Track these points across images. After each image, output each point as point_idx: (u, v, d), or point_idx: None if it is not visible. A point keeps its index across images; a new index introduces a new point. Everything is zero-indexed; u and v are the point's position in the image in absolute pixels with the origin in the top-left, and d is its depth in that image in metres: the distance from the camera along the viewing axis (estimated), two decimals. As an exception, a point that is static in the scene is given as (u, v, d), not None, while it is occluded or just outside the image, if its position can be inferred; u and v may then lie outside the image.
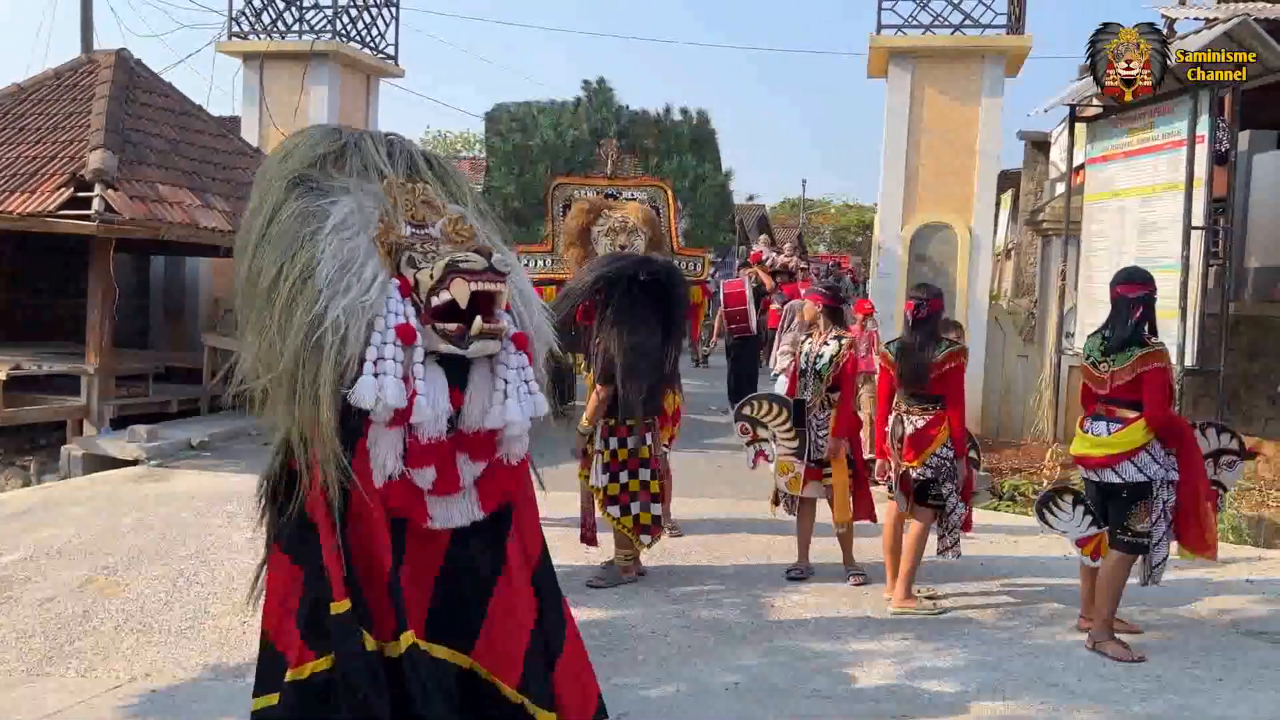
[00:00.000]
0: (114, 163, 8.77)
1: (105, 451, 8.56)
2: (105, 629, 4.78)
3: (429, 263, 2.88)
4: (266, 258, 2.83)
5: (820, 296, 6.00)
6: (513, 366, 2.97)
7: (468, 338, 2.84)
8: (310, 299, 2.72)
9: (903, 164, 10.42)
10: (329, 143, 3.09)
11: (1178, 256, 7.93)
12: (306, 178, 2.96)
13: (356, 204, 2.91)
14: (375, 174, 3.04)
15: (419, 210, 3.02)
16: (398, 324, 2.80)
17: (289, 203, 2.90)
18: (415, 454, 2.81)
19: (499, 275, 2.89)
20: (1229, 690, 4.29)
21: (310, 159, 3.02)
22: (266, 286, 2.80)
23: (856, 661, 4.53)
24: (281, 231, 2.85)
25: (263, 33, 12.84)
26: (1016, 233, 18.76)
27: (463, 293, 2.83)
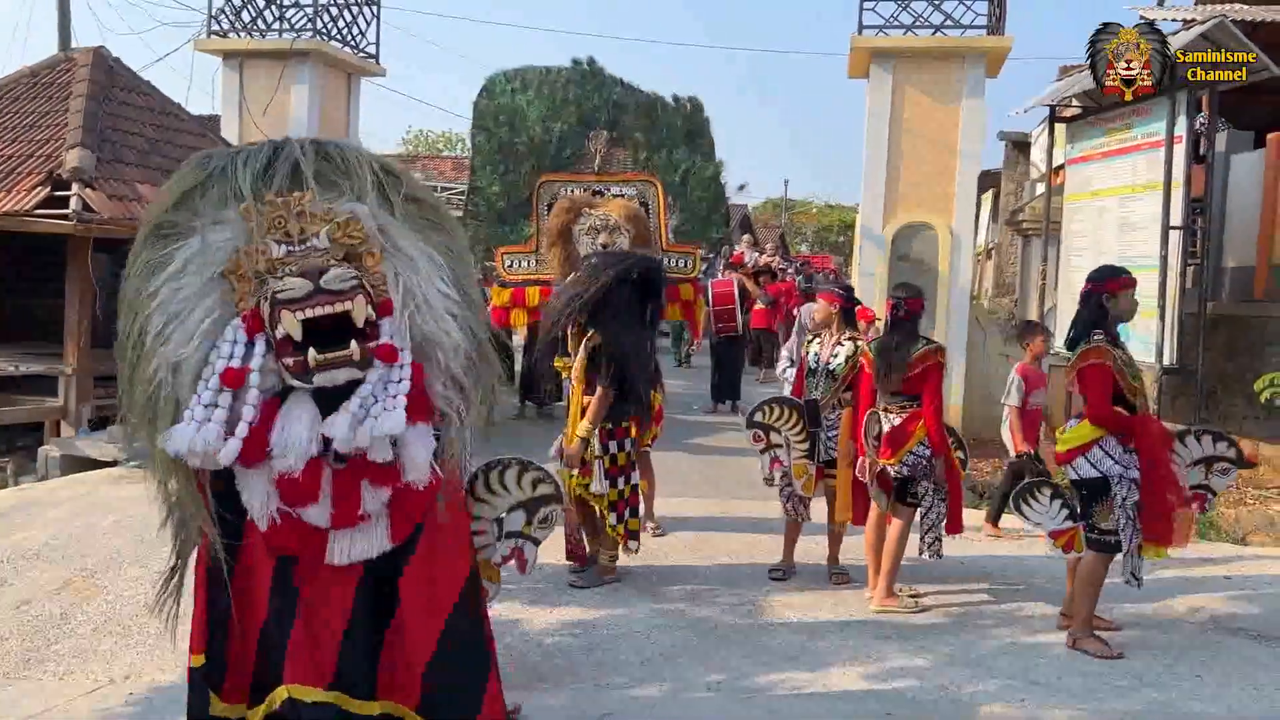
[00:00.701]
0: (92, 161, 8.71)
1: (83, 452, 8.49)
2: (83, 631, 4.74)
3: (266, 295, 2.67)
4: (121, 321, 2.75)
5: (835, 297, 5.86)
6: (372, 382, 2.70)
7: (309, 370, 2.63)
8: (146, 359, 2.64)
9: (884, 164, 10.46)
10: (190, 177, 2.85)
11: (1156, 256, 7.99)
12: (162, 225, 2.78)
13: (203, 242, 2.71)
14: (235, 199, 2.78)
15: (292, 225, 2.73)
16: (224, 369, 2.62)
17: (140, 257, 2.76)
18: (289, 491, 2.64)
19: (334, 295, 2.64)
20: (1207, 687, 4.32)
21: (173, 200, 2.81)
22: (122, 353, 2.73)
23: (839, 660, 4.54)
24: (129, 290, 2.74)
25: (242, 31, 12.76)
26: (997, 232, 18.88)
27: (292, 325, 2.61)
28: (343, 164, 2.92)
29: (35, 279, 11.20)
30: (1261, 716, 4.09)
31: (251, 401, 2.63)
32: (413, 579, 2.83)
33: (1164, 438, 4.73)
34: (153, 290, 2.67)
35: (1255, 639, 4.93)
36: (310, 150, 2.90)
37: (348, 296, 2.66)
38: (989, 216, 19.77)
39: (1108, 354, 4.63)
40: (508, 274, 5.96)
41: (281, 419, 2.64)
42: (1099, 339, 4.65)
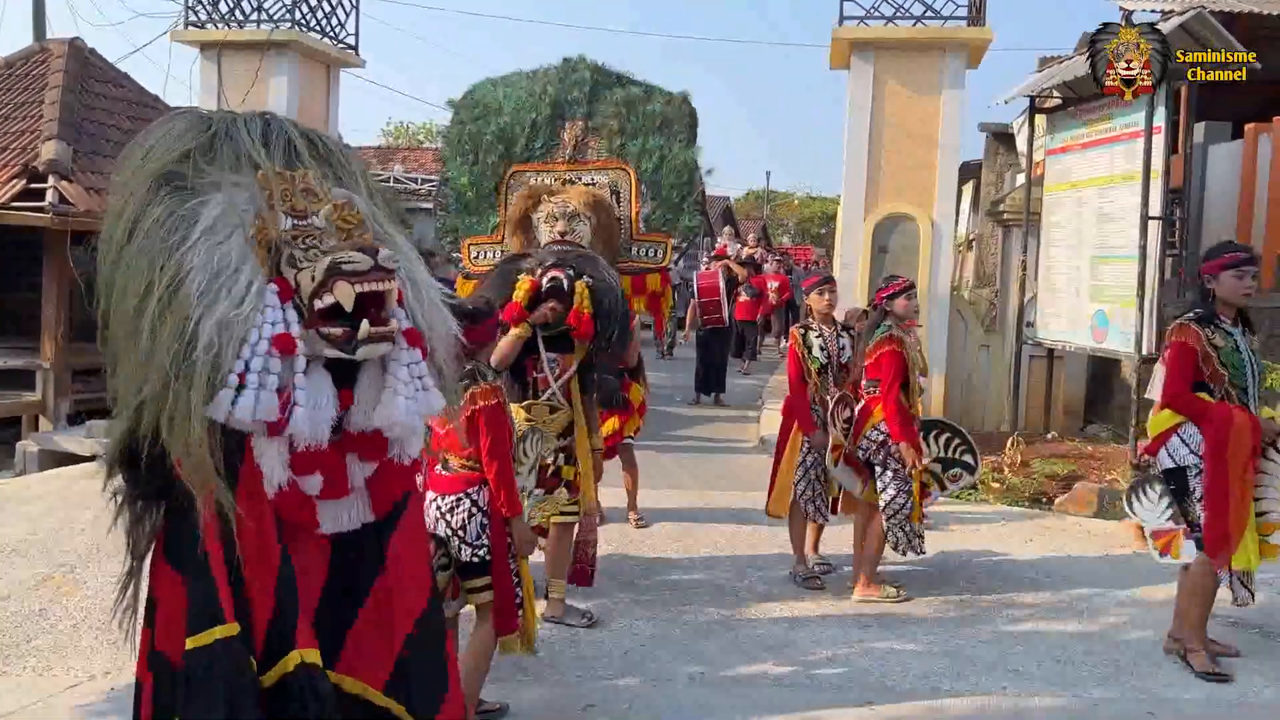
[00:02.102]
0: (68, 154, 8.63)
1: (62, 447, 8.43)
2: (63, 627, 4.71)
3: (310, 262, 2.68)
4: (131, 271, 2.59)
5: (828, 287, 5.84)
6: (404, 363, 2.77)
7: (355, 342, 2.66)
8: (180, 316, 2.50)
9: (865, 156, 10.47)
10: (196, 133, 2.80)
11: (1135, 246, 8.03)
12: (172, 175, 2.70)
13: (228, 202, 2.67)
14: (249, 164, 2.77)
15: (298, 200, 2.76)
16: (274, 334, 2.59)
17: (153, 206, 2.64)
18: (298, 461, 2.64)
19: (386, 273, 2.69)
20: (1184, 673, 4.36)
21: (176, 153, 2.74)
22: (134, 304, 2.57)
23: (820, 651, 4.56)
24: (147, 241, 2.60)
25: (220, 22, 12.64)
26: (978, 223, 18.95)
27: (347, 296, 2.63)
28: (326, 150, 2.97)
29: (11, 273, 11.10)
30: (1237, 701, 4.13)
31: (300, 369, 2.62)
32: (398, 558, 2.84)
33: (1241, 429, 4.26)
34: (187, 244, 2.56)
35: (1233, 625, 4.98)
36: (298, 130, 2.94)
37: (392, 276, 2.72)
38: (969, 207, 19.85)
39: (1192, 333, 4.36)
40: (473, 265, 5.89)
41: (309, 394, 2.63)
42: (1189, 317, 4.46)
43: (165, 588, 2.75)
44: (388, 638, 2.80)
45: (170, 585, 2.74)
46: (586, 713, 3.90)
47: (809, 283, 5.99)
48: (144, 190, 2.68)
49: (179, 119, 2.87)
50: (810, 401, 5.59)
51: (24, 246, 9.72)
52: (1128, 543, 6.51)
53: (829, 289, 5.82)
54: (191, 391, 2.47)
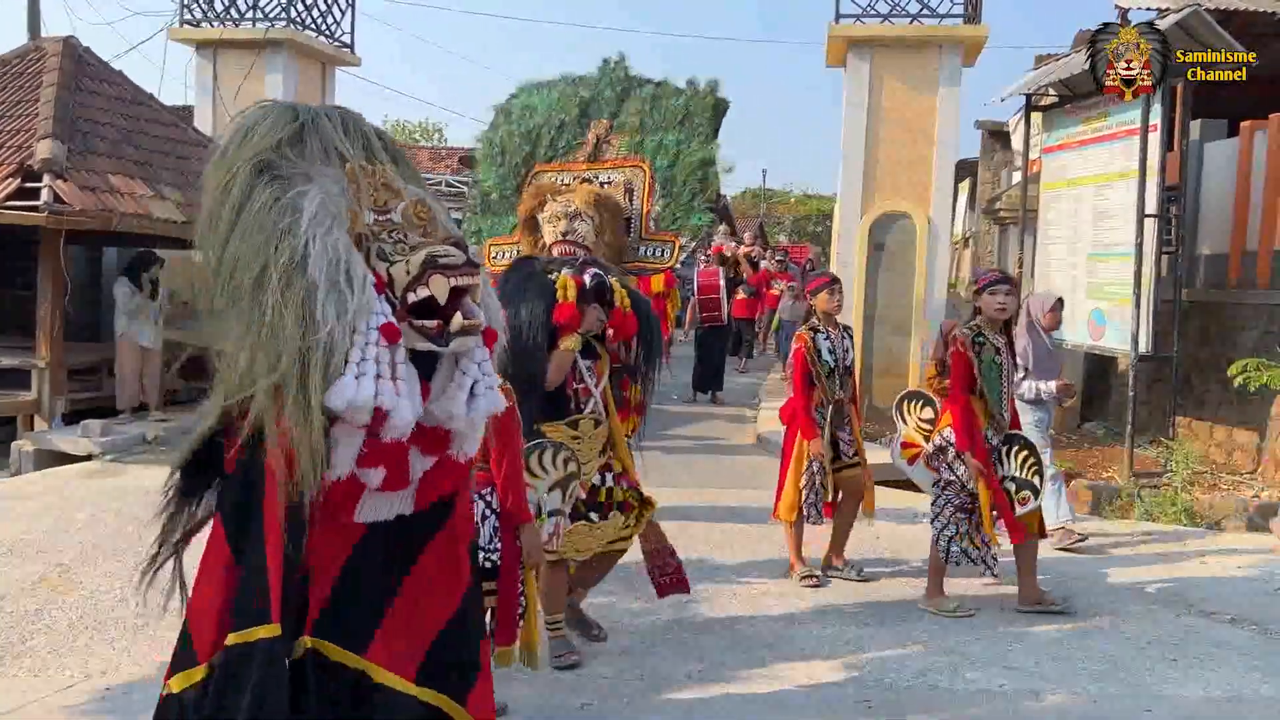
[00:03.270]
0: (63, 152, 8.60)
1: (57, 447, 8.40)
2: (59, 627, 4.70)
3: (402, 256, 2.71)
4: (244, 250, 2.62)
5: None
6: (476, 360, 2.81)
7: (447, 334, 2.69)
8: (299, 299, 2.53)
9: (861, 153, 10.48)
10: (286, 122, 2.85)
11: (1132, 244, 8.04)
12: (270, 164, 2.74)
13: (324, 192, 2.71)
14: (335, 157, 2.82)
15: (380, 194, 2.81)
16: (382, 324, 2.63)
17: (258, 190, 2.68)
18: (371, 454, 2.66)
19: (476, 268, 2.74)
20: (1180, 670, 4.37)
21: (273, 140, 2.79)
22: (250, 282, 2.58)
23: (817, 649, 4.56)
24: (257, 222, 2.63)
25: (215, 20, 12.64)
26: (974, 221, 18.97)
27: (442, 289, 2.66)
28: (392, 147, 3.05)
29: (6, 272, 11.08)
30: (1232, 697, 4.14)
31: (401, 360, 2.65)
32: (439, 551, 2.86)
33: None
34: (298, 231, 2.59)
35: (1229, 622, 4.99)
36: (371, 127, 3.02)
37: (479, 272, 2.76)
38: (966, 205, 19.86)
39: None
40: (493, 265, 5.89)
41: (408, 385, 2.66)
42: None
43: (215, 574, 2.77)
44: (421, 630, 2.81)
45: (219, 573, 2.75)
46: (584, 711, 3.90)
47: (815, 283, 5.81)
48: (247, 173, 2.71)
49: (271, 107, 2.93)
50: (816, 405, 5.49)
51: (19, 245, 9.70)
52: (1124, 540, 6.52)
53: (837, 289, 5.68)
54: (312, 374, 2.49)
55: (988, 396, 4.98)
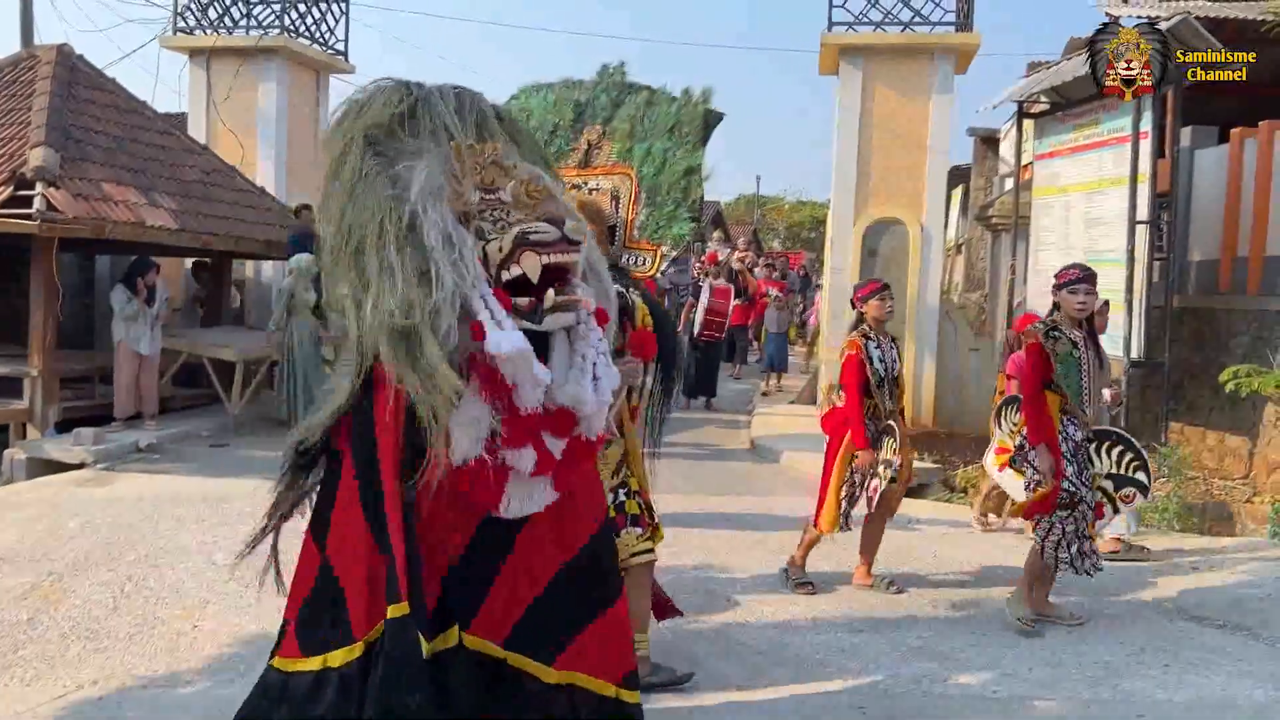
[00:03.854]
0: (56, 160, 8.58)
1: (50, 455, 8.38)
2: (50, 636, 4.68)
3: (499, 234, 2.69)
4: (360, 217, 2.67)
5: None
6: (592, 342, 2.76)
7: (541, 311, 2.65)
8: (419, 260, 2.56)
9: (854, 160, 10.52)
10: (399, 99, 2.89)
11: (1123, 250, 8.07)
12: (375, 141, 2.80)
13: (431, 168, 2.73)
14: (444, 135, 2.85)
15: (488, 173, 2.80)
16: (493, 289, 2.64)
17: (368, 162, 2.75)
18: (514, 431, 2.62)
19: (573, 244, 2.71)
20: (1173, 675, 4.38)
21: (386, 115, 2.83)
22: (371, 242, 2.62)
23: (811, 655, 4.56)
24: (370, 191, 2.69)
25: (209, 28, 12.65)
26: (967, 228, 19.01)
27: (533, 266, 2.64)
28: (512, 125, 3.08)
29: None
30: (1224, 703, 4.15)
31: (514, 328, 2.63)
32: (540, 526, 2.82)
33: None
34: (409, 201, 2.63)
35: (1220, 628, 5.00)
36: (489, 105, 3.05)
37: (579, 248, 2.73)
38: (959, 212, 19.90)
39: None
40: None
41: None
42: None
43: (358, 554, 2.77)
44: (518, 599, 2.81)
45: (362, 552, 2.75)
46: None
47: (866, 290, 5.49)
48: (361, 146, 2.78)
49: (385, 84, 2.96)
50: (868, 416, 5.31)
51: (11, 253, 9.68)
52: (1117, 545, 6.53)
53: (889, 296, 5.42)
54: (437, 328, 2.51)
55: (1066, 391, 4.84)
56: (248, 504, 6.84)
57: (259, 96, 12.45)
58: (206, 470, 8.09)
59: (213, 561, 5.72)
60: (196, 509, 6.76)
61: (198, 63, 12.59)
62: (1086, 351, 4.90)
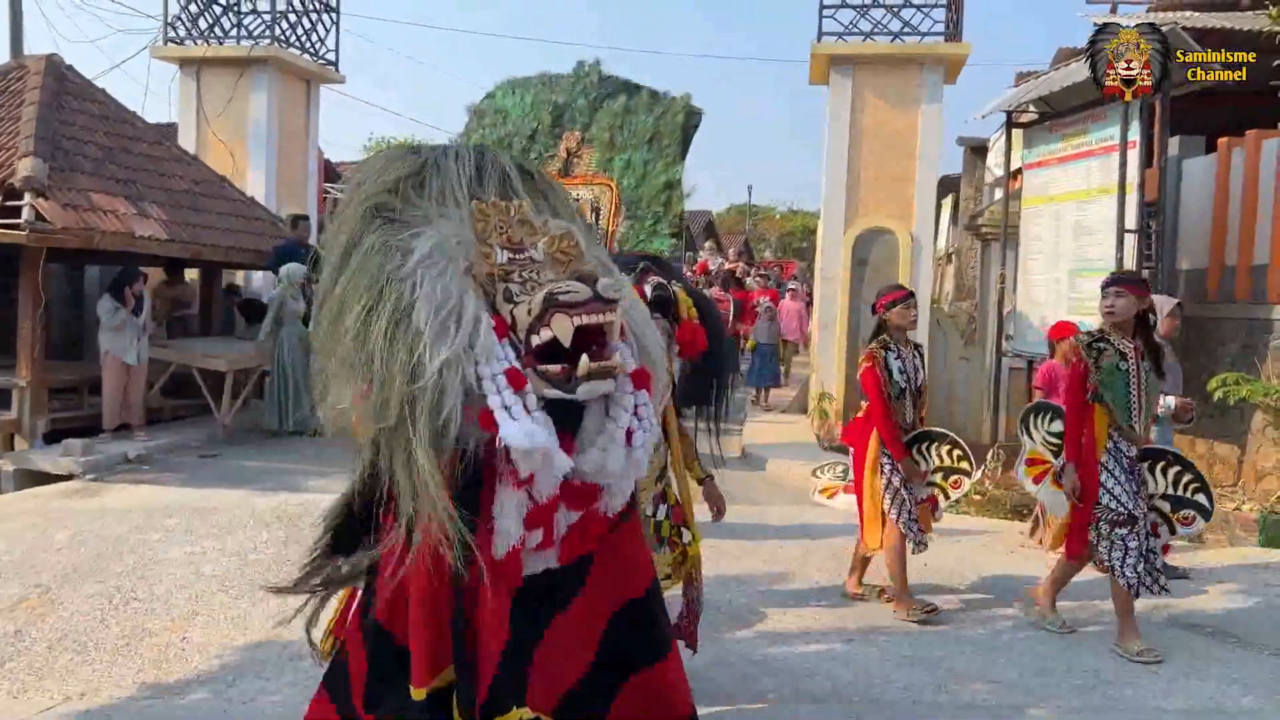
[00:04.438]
0: (44, 170, 8.56)
1: (38, 466, 8.33)
2: (38, 649, 4.65)
3: (527, 295, 2.50)
4: (350, 295, 2.51)
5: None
6: (627, 408, 2.56)
7: (575, 380, 2.45)
8: (408, 344, 2.37)
9: (844, 170, 10.56)
10: (405, 164, 2.74)
11: (1112, 259, 8.10)
12: (382, 206, 2.64)
13: (440, 235, 2.55)
14: (458, 197, 2.68)
15: (514, 232, 2.61)
16: (505, 368, 2.43)
17: (367, 235, 2.58)
18: (532, 515, 2.48)
19: (607, 304, 2.48)
20: (1164, 682, 4.39)
21: (386, 184, 2.68)
22: (355, 326, 2.45)
23: (803, 664, 4.56)
24: (363, 266, 2.52)
25: (199, 38, 12.65)
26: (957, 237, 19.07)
27: (565, 329, 2.44)
28: (544, 183, 2.93)
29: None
30: (1214, 710, 4.15)
31: (533, 408, 2.44)
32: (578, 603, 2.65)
33: None
34: (405, 273, 2.47)
35: (1210, 635, 5.01)
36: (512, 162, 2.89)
37: (614, 307, 2.53)
38: (949, 221, 19.97)
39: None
40: None
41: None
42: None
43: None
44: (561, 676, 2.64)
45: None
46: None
47: (890, 297, 5.29)
48: (357, 217, 2.64)
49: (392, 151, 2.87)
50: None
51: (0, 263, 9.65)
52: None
53: (913, 303, 5.26)
54: (418, 421, 2.33)
55: (1113, 405, 4.65)
56: (237, 515, 6.84)
57: (249, 107, 12.45)
58: (196, 481, 8.06)
59: (201, 573, 5.70)
60: (186, 520, 6.73)
61: (188, 73, 12.59)
62: (1138, 362, 4.67)
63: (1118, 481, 4.66)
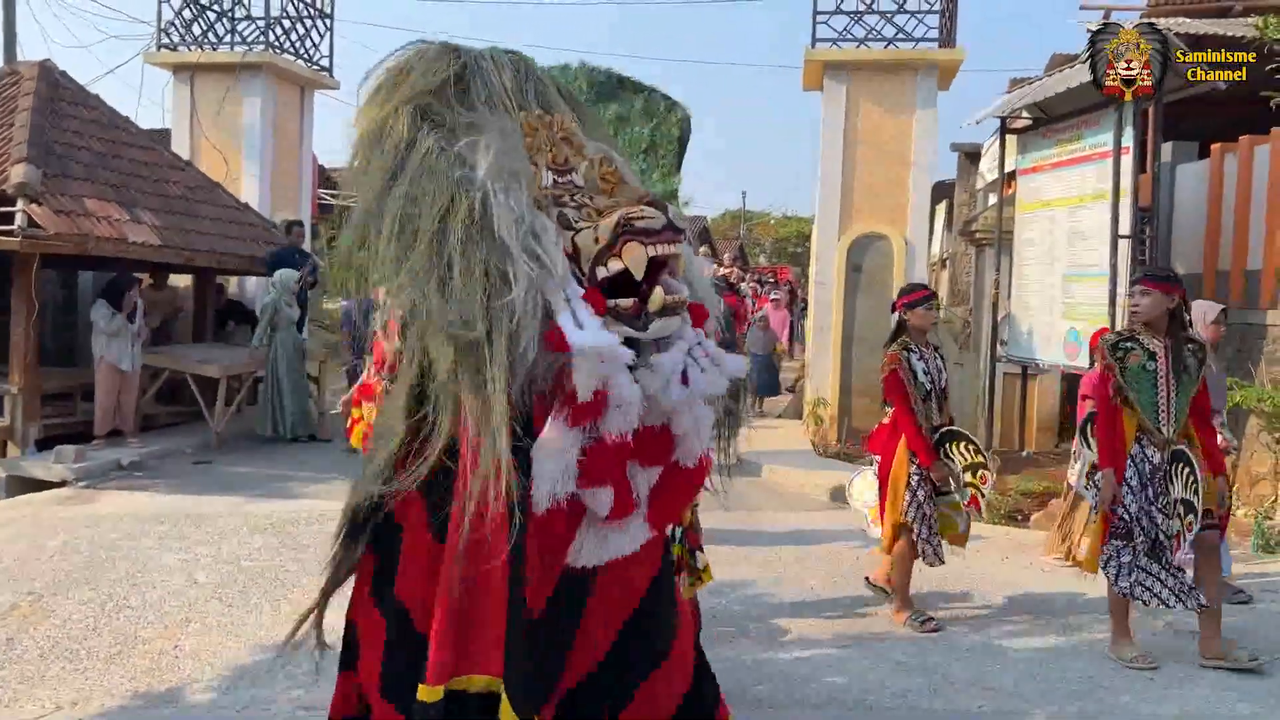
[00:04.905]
0: (37, 176, 8.54)
1: (30, 473, 8.30)
2: (30, 657, 4.63)
3: (589, 221, 2.27)
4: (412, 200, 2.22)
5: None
6: (689, 341, 2.34)
7: (646, 315, 2.24)
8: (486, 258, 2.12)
9: (838, 176, 10.56)
10: (448, 63, 2.45)
11: (1106, 265, 8.11)
12: (429, 109, 2.36)
13: (498, 146, 2.28)
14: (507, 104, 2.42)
15: (559, 151, 2.39)
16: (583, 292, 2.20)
17: (422, 138, 2.31)
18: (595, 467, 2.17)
19: (679, 234, 2.30)
20: (1159, 688, 4.39)
21: (430, 85, 2.40)
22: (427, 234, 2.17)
23: (796, 670, 4.55)
24: (430, 169, 2.25)
25: (193, 44, 12.64)
26: (951, 242, 19.09)
27: (639, 260, 2.21)
28: (571, 97, 2.67)
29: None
30: (1210, 716, 4.15)
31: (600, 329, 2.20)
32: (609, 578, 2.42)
33: None
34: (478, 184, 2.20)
35: (1205, 641, 5.00)
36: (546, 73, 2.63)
37: (683, 237, 2.34)
38: (943, 226, 20.00)
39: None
40: None
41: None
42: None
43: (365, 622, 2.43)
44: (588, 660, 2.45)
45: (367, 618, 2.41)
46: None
47: (912, 297, 5.18)
48: (406, 117, 2.36)
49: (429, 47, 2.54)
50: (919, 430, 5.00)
51: (-7, 270, 9.62)
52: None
53: (935, 304, 5.18)
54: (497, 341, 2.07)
55: (1139, 407, 4.47)
56: (230, 522, 6.82)
57: (243, 112, 12.44)
58: (189, 488, 8.03)
59: (195, 580, 5.67)
60: (179, 527, 6.71)
61: (182, 79, 12.57)
62: (1169, 362, 4.47)
63: (1130, 490, 4.52)
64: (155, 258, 9.63)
